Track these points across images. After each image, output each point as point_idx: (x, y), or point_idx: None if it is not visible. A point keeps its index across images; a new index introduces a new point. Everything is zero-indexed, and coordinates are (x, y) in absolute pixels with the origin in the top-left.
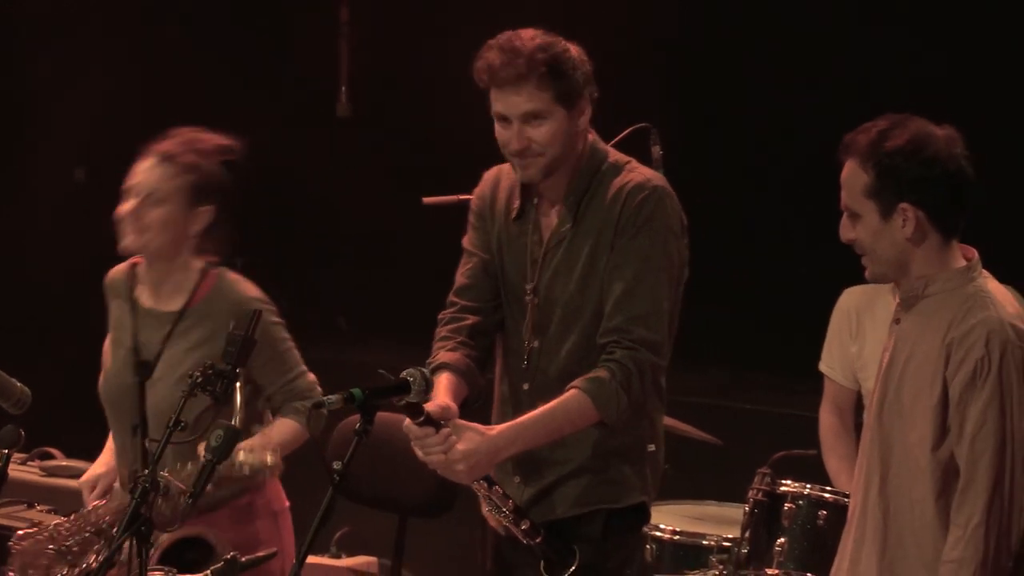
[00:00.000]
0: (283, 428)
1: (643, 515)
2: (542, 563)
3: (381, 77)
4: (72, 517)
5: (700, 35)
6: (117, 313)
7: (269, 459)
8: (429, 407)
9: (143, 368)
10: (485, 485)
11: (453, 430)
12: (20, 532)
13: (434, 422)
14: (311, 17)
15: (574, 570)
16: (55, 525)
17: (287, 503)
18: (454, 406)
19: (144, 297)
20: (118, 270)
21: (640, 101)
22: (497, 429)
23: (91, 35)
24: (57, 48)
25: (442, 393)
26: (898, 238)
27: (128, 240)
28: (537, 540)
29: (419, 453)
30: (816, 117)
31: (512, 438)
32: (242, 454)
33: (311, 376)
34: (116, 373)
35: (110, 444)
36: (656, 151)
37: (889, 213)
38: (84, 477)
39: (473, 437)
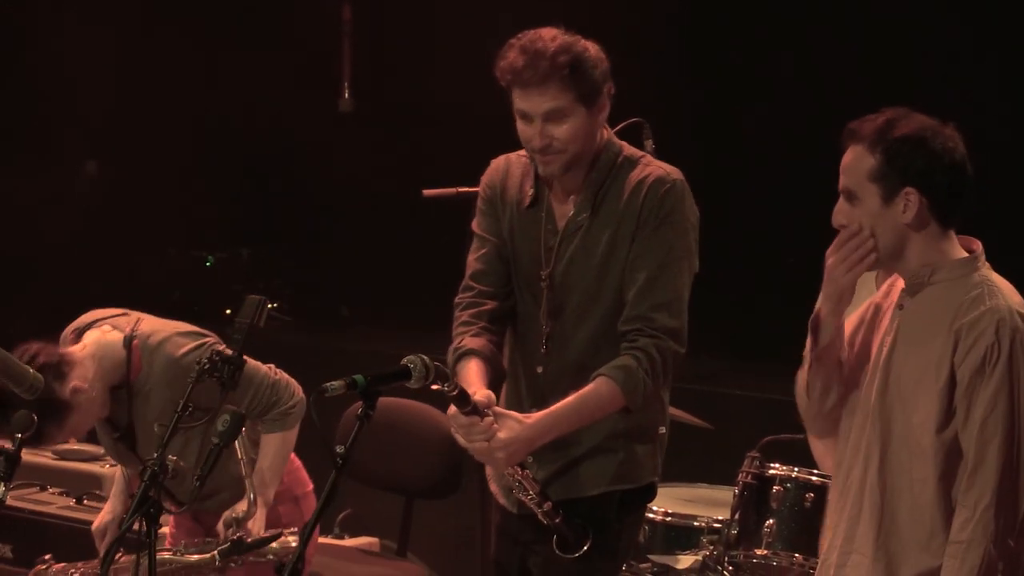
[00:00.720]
0: (271, 451)
1: (652, 495)
2: (555, 541)
3: (383, 73)
4: (87, 564)
5: (693, 38)
6: None
7: (293, 542)
8: (476, 397)
9: (125, 438)
10: (518, 469)
11: (494, 418)
12: (38, 568)
13: (479, 411)
14: (314, 15)
15: (587, 548)
16: (72, 568)
17: (310, 486)
18: (493, 395)
19: None
20: None
21: (633, 94)
22: (534, 417)
23: (98, 32)
24: (66, 45)
25: (476, 380)
26: (898, 222)
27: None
28: (557, 520)
29: (461, 440)
30: (807, 111)
31: (549, 426)
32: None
33: (262, 370)
34: (108, 447)
35: (115, 490)
36: (649, 145)
37: (892, 197)
38: (95, 525)
39: (513, 425)
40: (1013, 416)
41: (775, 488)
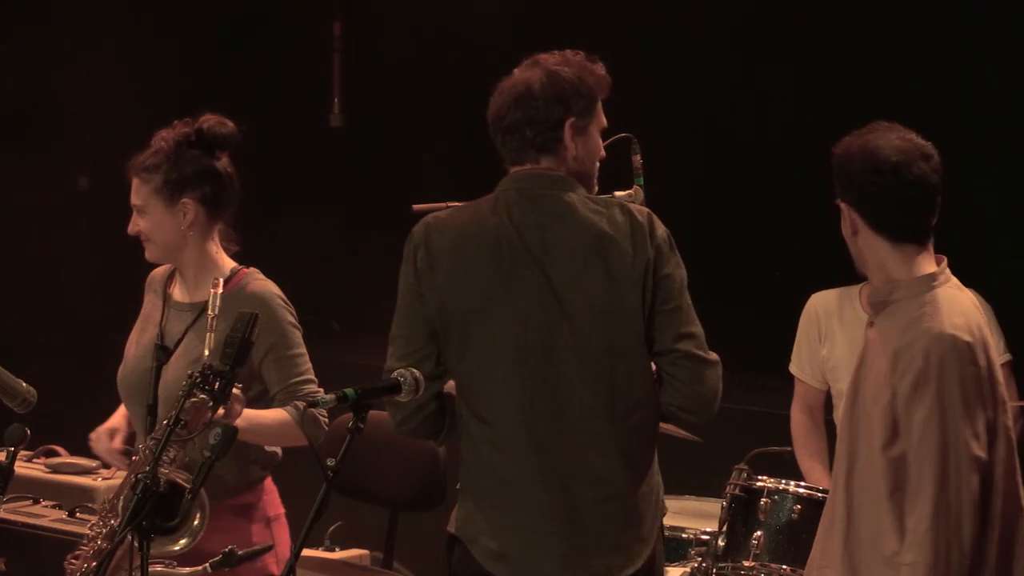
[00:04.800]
0: (276, 414)
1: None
2: None
3: (373, 88)
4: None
5: (688, 43)
6: (148, 308)
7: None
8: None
9: (161, 352)
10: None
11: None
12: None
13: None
14: (305, 31)
15: None
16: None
17: (283, 510)
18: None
19: (176, 293)
20: (160, 269)
21: (623, 108)
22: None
23: (91, 46)
24: (58, 59)
25: None
26: (846, 234)
27: (146, 253)
28: None
29: None
30: (794, 122)
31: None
32: None
33: (318, 390)
34: (137, 358)
35: (122, 410)
36: (637, 160)
37: (841, 210)
38: (103, 426)
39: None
40: (944, 440)
41: (763, 500)
